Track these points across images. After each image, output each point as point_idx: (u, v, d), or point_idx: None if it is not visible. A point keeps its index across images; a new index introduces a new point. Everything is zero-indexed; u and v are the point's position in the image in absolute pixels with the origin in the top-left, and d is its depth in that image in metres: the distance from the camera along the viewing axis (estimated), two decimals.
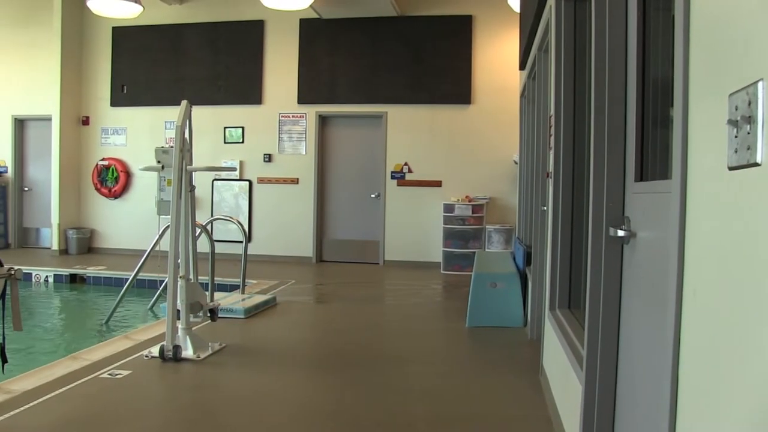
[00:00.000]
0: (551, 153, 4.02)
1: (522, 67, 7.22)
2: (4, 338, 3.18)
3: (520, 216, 7.83)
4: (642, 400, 1.94)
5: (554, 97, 3.84)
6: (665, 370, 1.48)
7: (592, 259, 2.38)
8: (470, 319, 5.86)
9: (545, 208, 4.67)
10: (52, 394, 3.82)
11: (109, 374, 4.25)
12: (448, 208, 9.48)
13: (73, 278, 9.21)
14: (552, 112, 3.97)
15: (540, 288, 4.96)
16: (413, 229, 9.94)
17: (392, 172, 10.02)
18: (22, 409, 3.56)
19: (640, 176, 2.13)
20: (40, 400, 3.71)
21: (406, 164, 9.98)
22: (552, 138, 3.97)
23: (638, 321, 2.06)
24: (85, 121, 11.15)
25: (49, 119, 10.82)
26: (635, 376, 2.07)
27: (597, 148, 2.39)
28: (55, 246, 10.80)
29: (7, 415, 3.45)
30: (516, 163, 8.70)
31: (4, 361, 3.23)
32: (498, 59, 9.61)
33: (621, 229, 2.14)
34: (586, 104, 3.34)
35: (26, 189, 11.49)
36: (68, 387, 3.96)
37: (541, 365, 4.28)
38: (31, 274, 9.11)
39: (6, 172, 11.35)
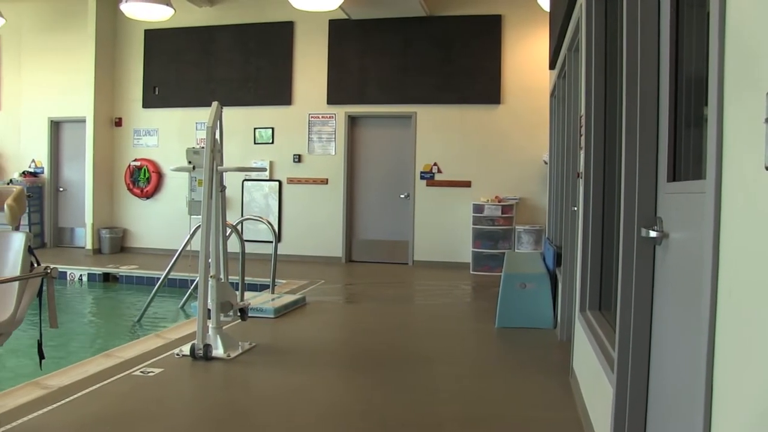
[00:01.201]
0: (582, 153, 3.99)
1: (552, 66, 7.17)
2: (41, 335, 3.24)
3: (549, 216, 7.77)
4: (675, 403, 1.91)
5: (585, 96, 3.81)
6: (699, 373, 1.46)
7: (624, 260, 2.35)
8: (500, 319, 5.83)
9: (576, 208, 4.63)
10: (86, 390, 3.89)
11: (141, 372, 4.31)
12: (478, 208, 9.44)
13: (106, 277, 9.36)
14: (583, 111, 3.93)
15: (570, 289, 4.91)
16: (442, 230, 9.91)
17: (421, 173, 10.00)
18: (58, 404, 3.63)
19: (673, 176, 2.10)
20: (75, 396, 3.78)
21: (435, 164, 9.96)
22: (583, 138, 3.93)
23: (671, 323, 2.03)
24: (118, 123, 11.32)
25: (83, 121, 11.00)
26: (668, 378, 2.04)
27: (629, 148, 2.36)
28: (88, 245, 10.98)
29: (44, 410, 3.52)
30: (546, 163, 8.63)
31: (42, 357, 3.29)
32: (528, 59, 9.55)
33: (653, 230, 2.12)
34: (617, 103, 3.30)
35: (61, 189, 11.70)
36: (101, 384, 4.03)
37: (571, 367, 4.24)
38: (65, 272, 9.27)
39: (42, 172, 11.56)
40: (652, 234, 2.11)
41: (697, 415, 1.46)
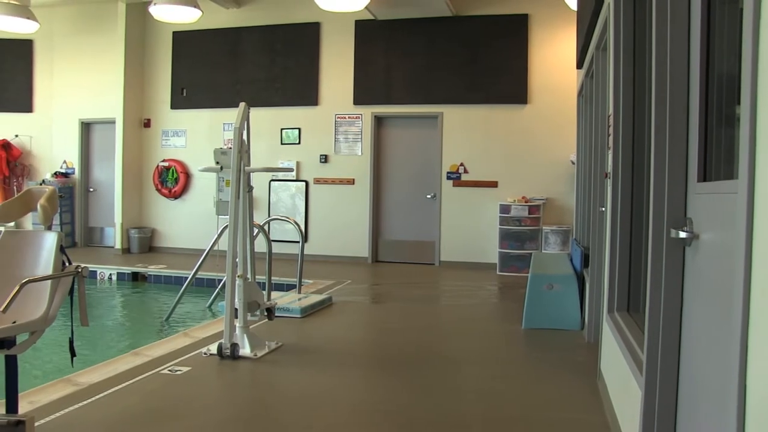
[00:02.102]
0: (610, 153, 3.95)
1: (579, 66, 7.11)
2: (72, 333, 3.28)
3: (577, 217, 7.71)
4: (706, 407, 1.89)
5: (613, 95, 3.77)
6: (731, 377, 1.43)
7: (653, 261, 2.32)
8: (526, 320, 5.79)
9: (603, 209, 4.59)
10: (116, 388, 3.95)
11: (169, 370, 4.35)
12: (505, 208, 9.40)
13: (135, 276, 9.47)
14: (611, 111, 3.89)
15: (598, 290, 4.87)
16: (469, 230, 9.88)
17: (448, 173, 9.98)
18: (89, 401, 3.69)
19: (704, 176, 2.07)
20: (105, 393, 3.84)
21: (461, 165, 9.93)
22: (611, 138, 3.89)
23: (702, 325, 2.00)
24: (147, 124, 11.45)
25: (112, 122, 11.15)
26: (699, 382, 2.01)
27: (658, 148, 2.33)
28: (118, 245, 11.12)
29: (75, 406, 3.58)
30: (573, 163, 8.56)
31: (73, 354, 3.34)
32: (554, 58, 9.48)
33: (683, 231, 2.09)
34: (646, 103, 3.27)
35: (91, 190, 11.86)
36: (130, 382, 4.08)
37: (599, 369, 4.20)
38: (96, 272, 9.40)
39: (73, 173, 11.74)
40: (682, 235, 2.08)
41: (729, 420, 1.44)
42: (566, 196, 9.35)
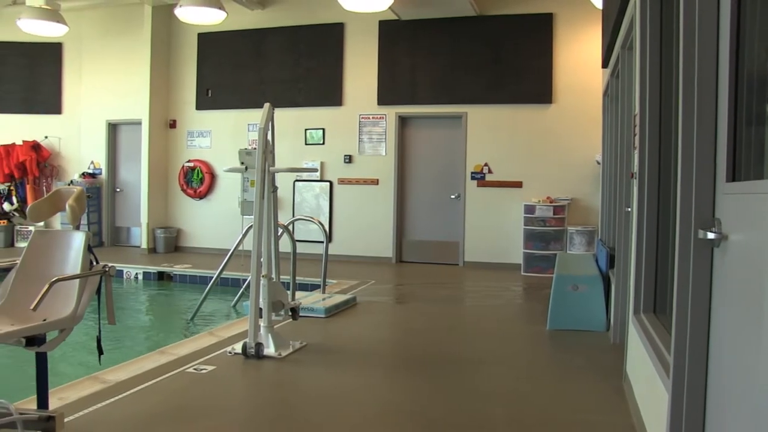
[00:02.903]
0: (636, 153, 3.91)
1: (605, 65, 7.05)
2: (100, 331, 3.33)
3: (602, 217, 7.64)
4: (736, 413, 1.86)
5: (639, 94, 3.73)
6: (763, 380, 1.41)
7: (680, 263, 2.29)
8: (551, 321, 5.76)
9: (629, 209, 4.55)
10: (142, 386, 3.99)
11: (194, 369, 4.39)
12: (529, 209, 9.34)
13: (161, 276, 9.57)
14: (637, 110, 3.86)
15: (623, 291, 4.82)
16: (493, 230, 9.84)
17: (472, 173, 9.95)
18: (116, 398, 3.74)
19: (732, 176, 2.04)
20: (132, 391, 3.88)
21: (486, 165, 9.89)
22: (637, 137, 3.85)
23: (731, 327, 1.97)
24: (172, 125, 11.57)
25: (139, 123, 11.28)
26: (728, 385, 1.98)
27: (685, 147, 2.31)
28: (144, 245, 11.24)
29: (103, 403, 3.64)
30: (598, 163, 8.49)
31: (101, 352, 3.38)
32: (579, 58, 9.40)
33: (711, 232, 2.06)
34: (672, 102, 3.23)
35: (118, 190, 12.01)
36: (157, 380, 4.12)
37: (625, 371, 4.17)
38: (122, 271, 9.51)
39: (100, 174, 11.89)
40: (710, 236, 2.05)
41: (760, 425, 1.42)
42: (591, 196, 9.28)
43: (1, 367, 5.13)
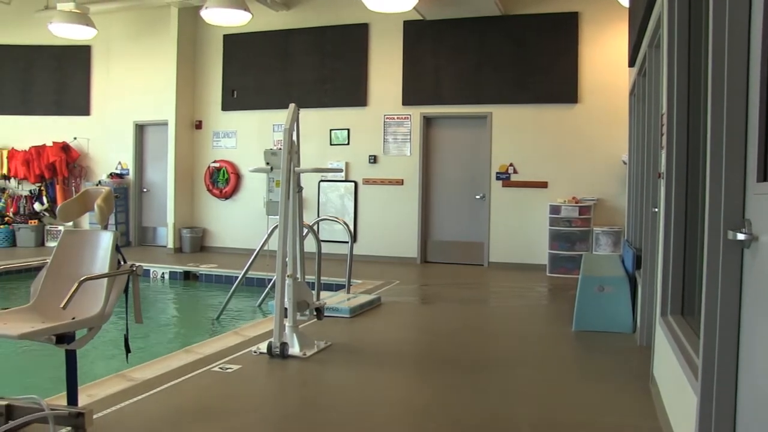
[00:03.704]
0: (663, 153, 3.87)
1: (631, 64, 6.98)
2: (127, 330, 3.37)
3: (629, 218, 7.57)
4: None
5: (667, 94, 3.69)
6: None
7: (709, 264, 2.26)
8: (577, 323, 5.72)
9: (657, 209, 4.50)
10: (168, 384, 4.03)
11: (219, 368, 4.43)
12: (555, 209, 9.28)
13: (187, 275, 9.65)
14: (664, 109, 3.81)
15: (650, 293, 4.77)
16: (518, 231, 9.79)
17: (497, 173, 9.91)
18: (143, 396, 3.78)
19: (764, 176, 2.01)
20: (158, 389, 3.92)
21: (511, 165, 9.84)
22: (664, 137, 3.81)
23: (762, 329, 1.94)
24: (198, 125, 11.67)
25: (165, 124, 11.40)
26: (760, 390, 1.95)
27: (714, 147, 2.27)
28: (170, 244, 11.36)
29: (129, 401, 3.68)
30: (625, 163, 8.41)
31: (128, 350, 3.43)
32: (606, 57, 9.32)
33: (741, 233, 2.03)
34: (701, 101, 3.19)
35: (145, 190, 12.14)
36: (182, 378, 4.16)
37: (651, 373, 4.12)
38: (149, 270, 9.61)
39: (127, 174, 12.03)
40: (740, 237, 2.03)
41: None
42: (617, 196, 9.19)
43: (32, 364, 5.22)
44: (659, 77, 4.45)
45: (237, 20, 9.55)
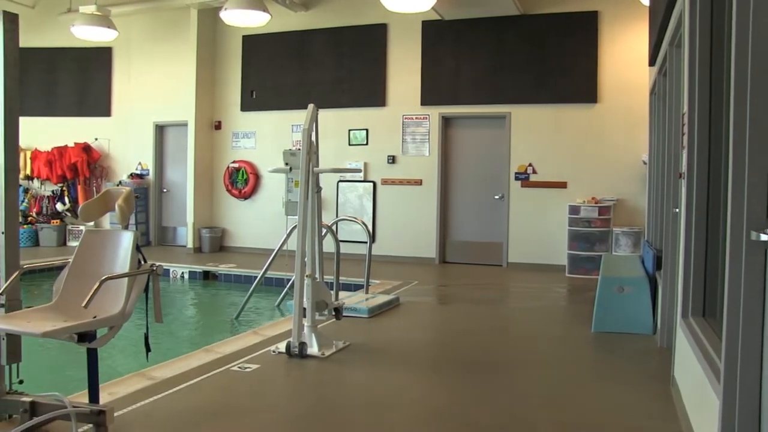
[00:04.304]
0: (684, 152, 3.83)
1: (652, 63, 6.92)
2: (147, 329, 3.40)
3: (649, 218, 7.51)
4: None
5: (688, 93, 3.65)
6: None
7: (731, 265, 2.24)
8: (596, 324, 5.68)
9: (677, 210, 4.46)
10: (188, 383, 4.06)
11: (238, 367, 4.45)
12: (574, 209, 9.23)
13: (206, 275, 9.71)
14: (685, 109, 3.78)
15: (671, 294, 4.73)
16: (537, 231, 9.74)
17: (516, 173, 9.87)
18: (163, 394, 3.82)
19: None
20: (178, 388, 3.96)
21: (530, 165, 9.80)
22: (685, 137, 3.77)
23: None
24: (218, 126, 11.74)
25: (185, 125, 11.48)
26: None
27: (737, 147, 2.25)
28: (190, 244, 11.43)
29: (149, 400, 3.71)
30: (645, 163, 8.34)
31: (148, 349, 3.46)
32: (625, 56, 9.25)
33: (764, 233, 2.01)
34: (723, 100, 3.15)
35: (165, 190, 12.23)
36: (202, 377, 4.19)
37: (672, 375, 4.08)
38: (169, 270, 9.68)
39: (148, 174, 12.13)
40: (763, 237, 2.00)
41: None
42: (637, 196, 9.12)
43: (55, 361, 5.28)
44: (680, 76, 4.41)
45: (256, 21, 9.59)
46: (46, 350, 5.44)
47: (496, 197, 10.06)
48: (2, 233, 3.28)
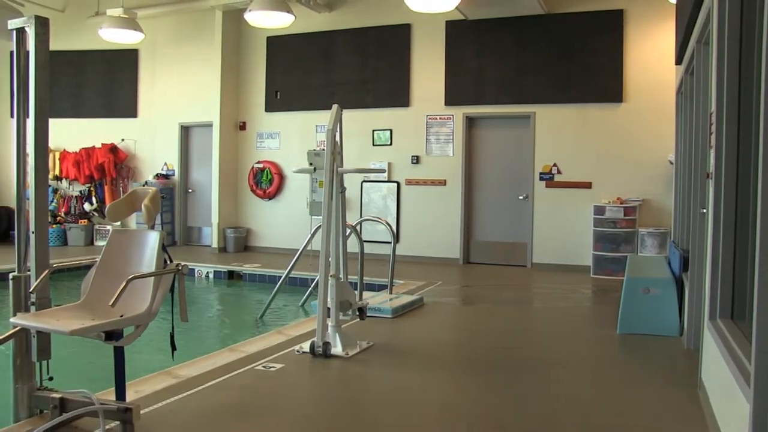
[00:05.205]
0: (712, 152, 3.78)
1: (678, 61, 6.85)
2: (173, 328, 3.43)
3: (675, 219, 7.42)
4: None
5: (716, 92, 3.61)
6: None
7: (761, 267, 2.20)
8: (621, 325, 5.62)
9: (705, 210, 4.40)
10: (213, 382, 4.09)
11: (263, 367, 4.47)
12: (599, 210, 9.15)
13: (231, 275, 9.77)
14: (713, 108, 3.73)
15: (698, 295, 4.67)
16: (562, 232, 9.67)
17: (540, 173, 9.81)
18: (188, 393, 3.85)
19: None
20: (203, 386, 3.99)
21: (554, 165, 9.74)
22: (713, 136, 3.72)
23: None
24: (242, 127, 11.81)
25: (210, 125, 11.57)
26: None
27: (767, 146, 2.21)
28: (214, 244, 11.52)
29: (175, 398, 3.75)
30: (671, 163, 8.25)
31: (174, 348, 3.49)
32: (652, 55, 9.15)
33: None
34: (753, 98, 3.11)
35: (190, 191, 12.33)
36: (227, 376, 4.22)
37: (699, 378, 4.03)
38: (194, 269, 9.76)
39: (173, 175, 12.24)
40: None
41: None
42: (664, 197, 9.02)
43: (82, 359, 5.34)
44: (708, 74, 4.36)
45: (280, 22, 9.66)
46: (74, 348, 5.51)
47: (521, 197, 10.01)
48: (32, 233, 3.34)
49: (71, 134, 12.31)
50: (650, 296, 5.58)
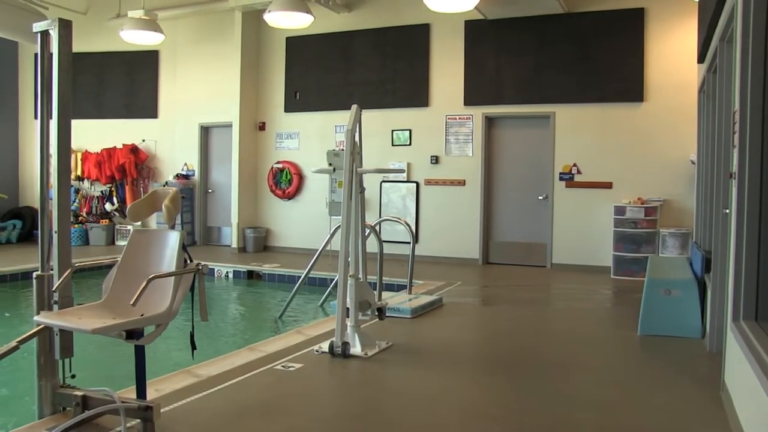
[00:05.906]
0: (735, 152, 3.74)
1: (701, 60, 6.78)
2: (193, 327, 3.45)
3: (697, 219, 7.35)
4: None
5: (739, 90, 3.56)
6: None
7: None
8: (642, 327, 5.57)
9: (727, 210, 4.35)
10: (232, 381, 4.12)
11: (282, 366, 4.49)
12: (619, 210, 9.08)
13: (250, 274, 9.82)
14: (737, 107, 3.68)
15: (721, 297, 4.61)
16: (582, 232, 9.61)
17: (560, 174, 9.75)
18: (208, 392, 3.88)
19: None
20: (223, 385, 4.01)
21: (574, 165, 9.67)
22: (737, 135, 3.68)
23: None
24: (262, 127, 11.86)
25: (229, 126, 11.63)
26: None
27: None
28: (234, 244, 11.57)
29: (195, 397, 3.78)
30: (693, 163, 8.17)
31: (194, 348, 3.51)
32: (673, 53, 9.06)
33: None
34: None
35: (210, 191, 12.41)
36: (246, 376, 4.24)
37: (722, 380, 3.99)
38: (214, 269, 9.81)
39: (193, 175, 12.33)
40: None
41: None
42: (685, 197, 8.93)
43: (106, 357, 5.40)
44: (731, 73, 4.31)
45: (299, 23, 9.69)
46: (96, 346, 5.56)
47: (540, 198, 9.96)
48: (55, 232, 3.37)
49: (93, 135, 12.44)
50: (672, 298, 5.52)
